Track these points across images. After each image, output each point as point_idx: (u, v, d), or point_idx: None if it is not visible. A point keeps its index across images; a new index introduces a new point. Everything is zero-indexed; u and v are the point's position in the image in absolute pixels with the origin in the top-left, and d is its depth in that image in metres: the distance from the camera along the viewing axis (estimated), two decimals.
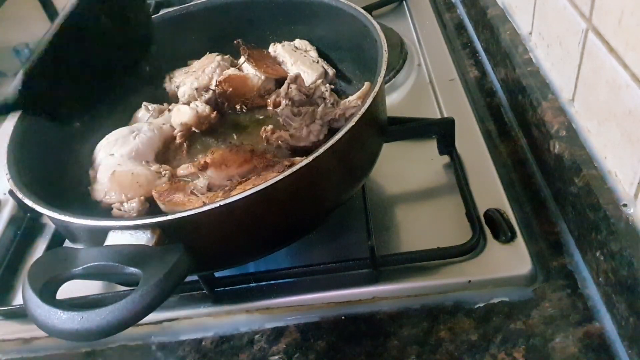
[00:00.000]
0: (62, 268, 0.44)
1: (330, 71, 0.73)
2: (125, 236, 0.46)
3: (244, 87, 0.73)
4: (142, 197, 0.60)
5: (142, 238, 0.45)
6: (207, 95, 0.72)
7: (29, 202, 0.50)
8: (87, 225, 0.48)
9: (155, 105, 0.73)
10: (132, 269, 0.43)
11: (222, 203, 0.45)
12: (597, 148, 0.56)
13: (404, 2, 1.03)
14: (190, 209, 0.46)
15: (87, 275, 0.44)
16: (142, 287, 0.41)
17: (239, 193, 0.46)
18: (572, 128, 0.60)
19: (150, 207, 0.60)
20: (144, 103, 0.73)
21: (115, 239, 0.46)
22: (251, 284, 0.60)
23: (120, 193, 0.60)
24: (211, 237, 0.49)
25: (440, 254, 0.57)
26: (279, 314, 0.58)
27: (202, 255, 0.46)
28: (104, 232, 0.46)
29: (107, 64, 0.56)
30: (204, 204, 0.55)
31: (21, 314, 0.63)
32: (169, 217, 0.46)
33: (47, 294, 0.42)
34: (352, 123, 0.50)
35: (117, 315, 0.40)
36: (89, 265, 0.44)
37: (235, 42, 0.74)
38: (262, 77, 0.73)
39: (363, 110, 0.51)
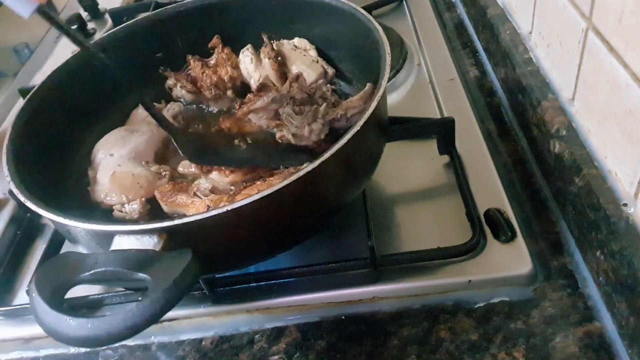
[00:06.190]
0: (70, 274, 0.44)
1: (330, 71, 0.73)
2: (131, 240, 0.45)
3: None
4: (144, 199, 0.60)
5: (149, 242, 0.45)
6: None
7: (31, 206, 0.49)
8: (92, 229, 0.48)
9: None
10: (140, 275, 0.43)
11: (229, 208, 0.45)
12: (597, 147, 0.56)
13: (403, 1, 1.03)
14: (198, 214, 0.46)
15: (95, 280, 0.44)
16: (151, 294, 0.41)
17: (244, 198, 0.46)
18: (572, 127, 0.60)
19: (152, 208, 0.60)
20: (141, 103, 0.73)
21: (120, 243, 0.45)
22: (251, 284, 0.60)
23: (121, 194, 0.60)
24: (217, 241, 0.49)
25: (440, 253, 0.57)
26: (279, 314, 0.58)
27: (207, 259, 0.46)
28: (109, 236, 0.46)
29: None
30: (208, 206, 0.55)
31: (21, 314, 0.63)
32: (176, 222, 0.45)
33: (55, 300, 0.42)
34: (357, 128, 0.50)
35: (127, 322, 0.40)
36: (96, 270, 0.43)
37: (262, 34, 0.74)
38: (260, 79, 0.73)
39: (367, 115, 0.51)
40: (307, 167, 0.47)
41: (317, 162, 0.47)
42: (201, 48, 0.77)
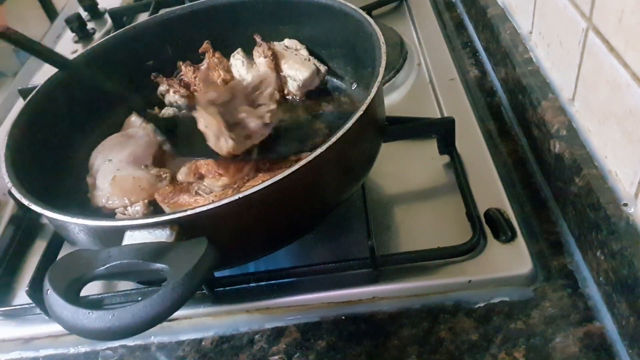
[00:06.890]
0: (84, 269, 0.43)
1: (322, 68, 0.73)
2: (143, 234, 0.45)
3: None
4: (146, 200, 0.60)
5: (162, 235, 0.45)
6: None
7: (36, 208, 0.49)
8: (102, 226, 0.47)
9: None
10: (158, 265, 0.42)
11: (241, 196, 0.45)
12: (597, 147, 0.56)
13: (404, 1, 1.03)
14: (210, 204, 0.46)
15: (110, 275, 0.43)
16: (171, 280, 0.40)
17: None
18: (572, 127, 0.60)
19: (154, 210, 0.60)
20: (134, 111, 0.73)
21: (132, 238, 0.45)
22: (251, 284, 0.59)
23: (123, 197, 0.60)
24: (228, 231, 0.49)
25: (440, 253, 0.57)
26: (279, 314, 0.58)
27: (219, 250, 0.45)
28: (120, 232, 0.46)
29: None
30: (213, 202, 0.55)
31: (21, 314, 0.63)
32: (189, 212, 0.45)
33: (71, 295, 0.41)
34: (360, 111, 0.50)
35: (149, 311, 0.39)
36: (112, 264, 0.43)
37: (255, 35, 0.74)
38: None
39: (371, 96, 0.51)
40: (313, 154, 0.47)
41: (324, 147, 0.48)
42: (191, 54, 0.76)
